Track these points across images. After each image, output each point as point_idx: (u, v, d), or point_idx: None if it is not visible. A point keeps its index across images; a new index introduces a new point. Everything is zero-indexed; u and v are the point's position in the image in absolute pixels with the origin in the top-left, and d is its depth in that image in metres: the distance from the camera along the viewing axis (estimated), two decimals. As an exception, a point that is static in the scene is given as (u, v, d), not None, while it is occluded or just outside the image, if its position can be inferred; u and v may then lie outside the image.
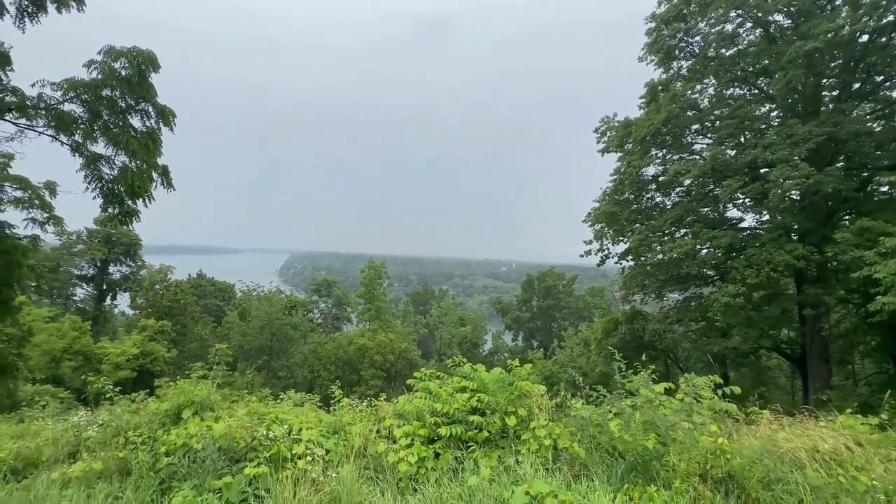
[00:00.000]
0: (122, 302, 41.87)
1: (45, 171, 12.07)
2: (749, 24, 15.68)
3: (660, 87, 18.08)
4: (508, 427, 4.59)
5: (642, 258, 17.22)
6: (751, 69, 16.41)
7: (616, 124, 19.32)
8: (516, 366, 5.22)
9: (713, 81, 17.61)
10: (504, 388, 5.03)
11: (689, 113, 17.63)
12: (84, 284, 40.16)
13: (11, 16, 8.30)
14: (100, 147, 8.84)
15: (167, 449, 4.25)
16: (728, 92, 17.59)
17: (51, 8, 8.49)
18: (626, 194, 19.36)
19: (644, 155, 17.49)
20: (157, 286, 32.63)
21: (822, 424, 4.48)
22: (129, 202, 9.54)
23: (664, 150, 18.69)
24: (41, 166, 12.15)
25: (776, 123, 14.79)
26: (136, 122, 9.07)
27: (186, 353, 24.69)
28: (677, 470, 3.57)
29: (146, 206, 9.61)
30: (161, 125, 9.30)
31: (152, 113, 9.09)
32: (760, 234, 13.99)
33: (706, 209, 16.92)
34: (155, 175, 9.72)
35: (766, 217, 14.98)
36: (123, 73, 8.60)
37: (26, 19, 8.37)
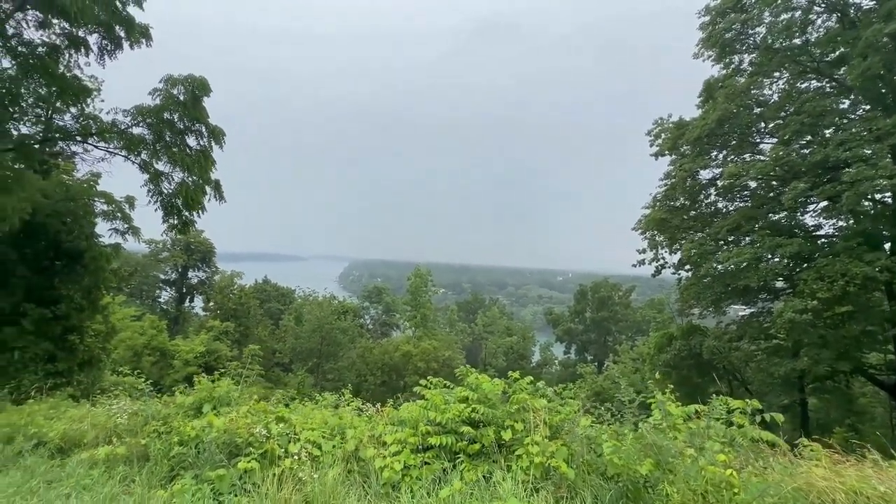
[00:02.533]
0: (199, 304, 46.24)
1: (126, 187, 13.72)
2: (820, 8, 14.11)
3: (719, 84, 16.79)
4: (504, 441, 4.42)
5: (698, 269, 15.91)
6: (825, 59, 14.70)
7: (670, 125, 18.21)
8: (516, 378, 5.02)
9: (784, 74, 16.03)
10: (504, 401, 4.86)
11: (757, 110, 16.17)
12: (168, 287, 45.01)
13: (95, 54, 9.61)
14: (161, 165, 9.86)
15: (180, 439, 4.59)
16: (803, 85, 15.89)
17: (125, 44, 9.71)
18: (680, 199, 18.10)
19: (698, 157, 16.27)
20: (226, 290, 35.57)
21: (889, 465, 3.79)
22: (186, 213, 10.54)
23: (724, 152, 17.27)
24: (123, 183, 13.83)
25: (855, 117, 13.07)
26: (191, 141, 10.05)
27: (253, 353, 26.50)
28: (671, 501, 3.21)
29: (199, 216, 10.54)
30: (212, 143, 10.20)
31: (205, 133, 10.01)
32: (836, 242, 12.34)
33: (775, 215, 15.31)
34: (208, 189, 10.67)
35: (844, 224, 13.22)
36: (181, 98, 9.58)
37: (106, 56, 9.64)
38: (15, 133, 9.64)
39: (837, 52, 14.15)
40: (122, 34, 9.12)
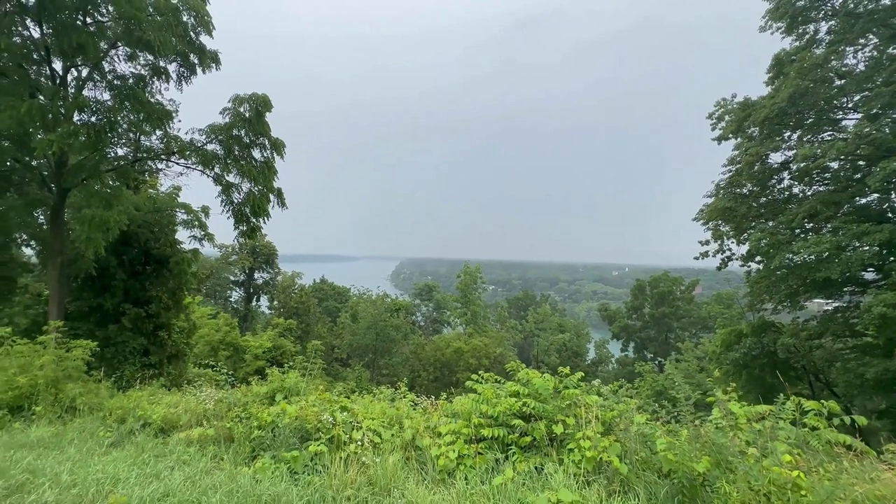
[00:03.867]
0: (265, 303, 49.82)
1: (197, 197, 15.17)
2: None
3: (791, 58, 15.38)
4: (556, 434, 4.51)
5: (770, 260, 14.75)
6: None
7: (734, 106, 16.95)
8: (567, 374, 5.07)
9: (872, 40, 14.36)
10: (555, 396, 4.94)
11: (838, 83, 14.64)
12: (237, 288, 48.95)
13: (174, 80, 10.77)
14: (231, 177, 10.85)
15: (259, 423, 5.15)
16: (895, 51, 14.12)
17: (198, 70, 10.78)
18: (747, 186, 16.82)
19: (767, 139, 15.01)
20: (288, 290, 38.02)
21: None
22: (254, 220, 11.51)
23: (799, 132, 15.80)
24: (193, 194, 15.30)
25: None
26: (256, 153, 10.95)
27: (316, 348, 28.33)
28: (729, 500, 3.15)
29: (264, 223, 11.46)
30: (275, 155, 11.04)
31: (268, 145, 10.87)
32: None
33: (862, 199, 13.79)
34: (272, 197, 11.58)
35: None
36: (246, 115, 10.48)
37: (183, 82, 10.77)
38: (112, 155, 11.04)
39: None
40: (196, 61, 10.15)
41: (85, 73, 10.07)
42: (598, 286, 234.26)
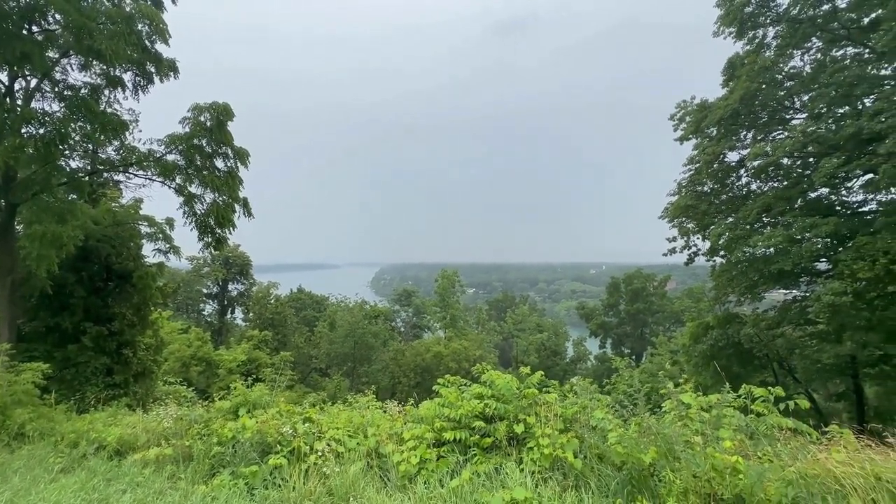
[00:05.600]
0: (240, 315, 48.53)
1: (166, 209, 14.75)
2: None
3: (744, 62, 16.14)
4: (517, 434, 4.58)
5: (727, 255, 15.37)
6: (857, 25, 13.85)
7: (693, 108, 17.66)
8: (527, 373, 5.16)
9: (816, 43, 15.22)
10: (517, 396, 5.02)
11: (788, 84, 15.44)
12: (211, 301, 47.52)
13: (130, 90, 10.46)
14: (194, 187, 10.60)
15: (219, 440, 5.03)
16: (838, 52, 15.01)
17: (155, 79, 10.51)
18: (707, 184, 17.51)
19: (723, 139, 15.70)
20: (263, 301, 37.19)
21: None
22: (218, 231, 11.25)
23: (753, 131, 16.59)
24: (162, 206, 14.86)
25: (892, 85, 12.27)
26: (219, 163, 10.74)
27: (284, 359, 27.82)
28: (672, 488, 3.28)
29: (230, 233, 11.23)
30: (238, 164, 10.85)
31: (231, 154, 10.68)
32: (877, 219, 11.62)
33: (813, 194, 14.57)
34: (237, 207, 11.36)
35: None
36: (207, 124, 10.27)
37: (139, 91, 10.47)
38: (66, 168, 10.61)
39: (872, 16, 13.29)
40: (153, 70, 9.89)
41: (34, 83, 9.67)
42: (577, 285, 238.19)
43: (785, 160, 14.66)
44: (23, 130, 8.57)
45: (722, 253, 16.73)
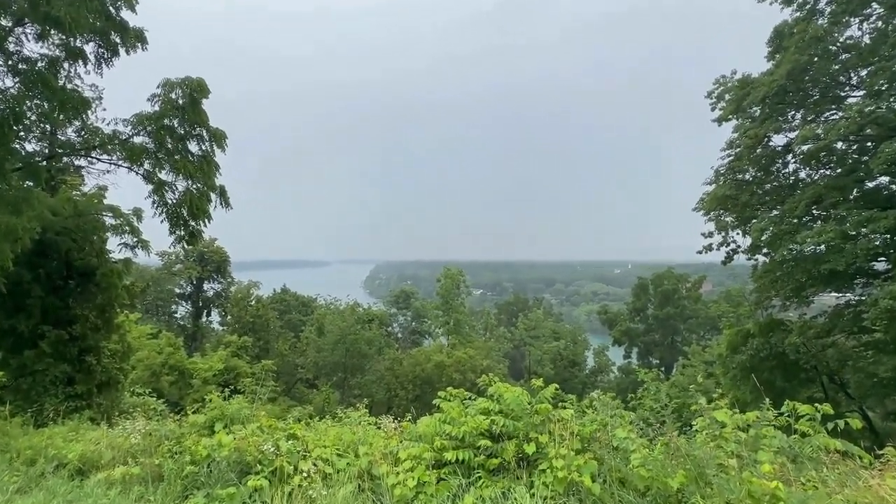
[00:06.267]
0: (216, 318, 48.89)
1: (133, 199, 14.81)
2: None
3: (793, 31, 16.00)
4: (527, 454, 4.61)
5: (771, 252, 15.30)
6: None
7: (734, 84, 17.53)
8: (540, 386, 5.18)
9: (876, 10, 15.03)
10: (528, 412, 5.04)
11: (843, 56, 15.29)
12: (184, 302, 47.86)
13: (92, 63, 10.49)
14: (164, 174, 10.67)
15: (192, 458, 5.09)
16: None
17: (121, 51, 10.54)
18: (749, 171, 17.41)
19: (767, 119, 15.58)
20: (243, 302, 37.43)
21: None
22: (192, 223, 11.32)
23: (802, 111, 16.45)
24: (129, 195, 14.94)
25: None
26: (192, 146, 10.79)
27: (266, 368, 28.04)
28: (703, 516, 3.29)
29: (205, 225, 11.29)
30: (214, 147, 10.89)
31: (206, 136, 10.72)
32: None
33: (871, 183, 14.46)
34: (213, 196, 11.41)
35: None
36: (179, 102, 10.31)
37: (103, 64, 10.51)
38: (21, 152, 10.69)
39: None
40: (118, 40, 9.92)
41: (-16, 55, 9.73)
42: (599, 286, 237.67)
43: (839, 144, 14.54)
44: (-28, 109, 8.64)
45: (765, 250, 16.66)
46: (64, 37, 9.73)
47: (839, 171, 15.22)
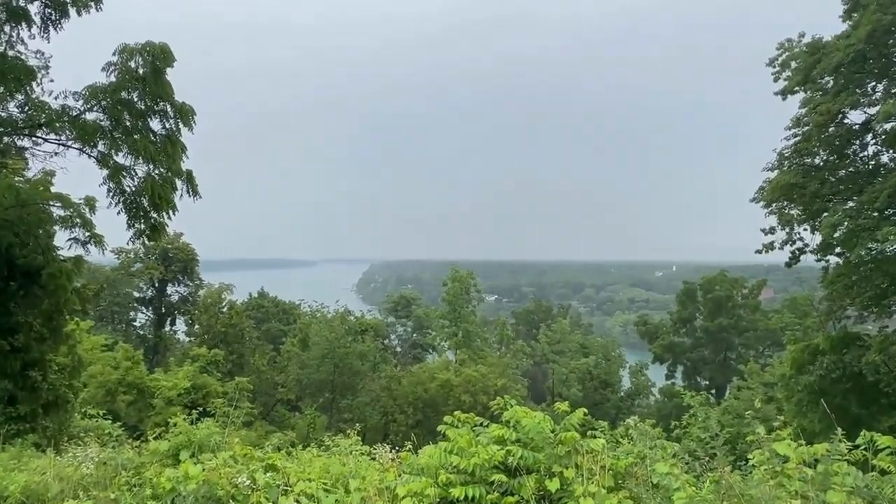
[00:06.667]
0: (182, 327, 49.39)
1: (86, 186, 14.97)
2: None
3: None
4: (550, 492, 4.62)
5: (845, 252, 15.18)
6: None
7: (801, 49, 17.37)
8: (566, 410, 5.18)
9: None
10: (551, 442, 5.05)
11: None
12: (144, 308, 48.39)
13: (37, 26, 10.62)
14: (121, 157, 10.80)
15: (154, 492, 5.15)
16: None
17: (71, 12, 10.67)
18: (820, 154, 17.27)
19: (841, 92, 15.43)
20: (213, 309, 37.77)
21: None
22: (154, 215, 11.44)
23: (885, 82, 16.28)
24: (81, 182, 15.10)
25: None
26: (155, 125, 10.90)
27: (241, 386, 28.32)
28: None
29: (170, 218, 11.41)
30: (180, 125, 11.00)
31: (171, 112, 10.83)
32: None
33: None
34: (179, 182, 11.52)
35: None
36: (140, 71, 10.41)
37: (50, 28, 10.64)
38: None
39: None
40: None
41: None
42: (637, 292, 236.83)
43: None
44: None
45: (838, 250, 16.51)
46: (5, -5, 9.88)
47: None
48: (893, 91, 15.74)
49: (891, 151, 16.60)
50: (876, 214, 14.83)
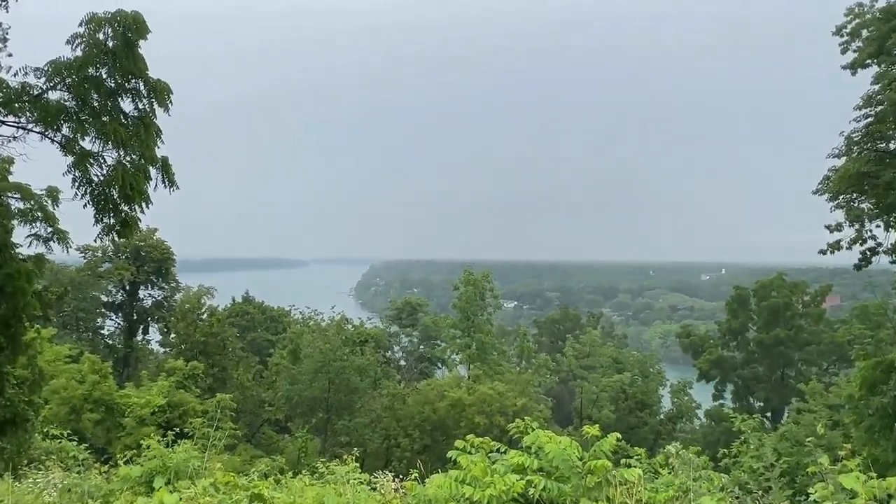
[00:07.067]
0: (156, 336, 49.84)
1: (48, 176, 15.15)
2: None
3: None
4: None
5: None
6: None
7: (874, 15, 17.20)
8: (596, 435, 5.19)
9: None
10: (578, 471, 5.06)
11: None
12: (113, 314, 48.89)
13: (-8, -8, 10.78)
14: (88, 142, 10.90)
15: (124, 525, 5.23)
16: None
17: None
18: (895, 139, 17.10)
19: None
20: (191, 315, 38.05)
21: None
22: (125, 208, 11.55)
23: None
24: (45, 170, 15.28)
25: None
26: (126, 105, 11.00)
27: (224, 404, 28.51)
28: None
29: (143, 211, 11.52)
30: (155, 105, 11.09)
31: (143, 91, 10.92)
32: None
33: None
34: (153, 171, 11.62)
35: None
36: (109, 44, 10.52)
37: (8, -3, 10.79)
38: None
39: None
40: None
41: None
42: (679, 297, 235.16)
43: None
44: None
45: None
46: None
47: None
48: None
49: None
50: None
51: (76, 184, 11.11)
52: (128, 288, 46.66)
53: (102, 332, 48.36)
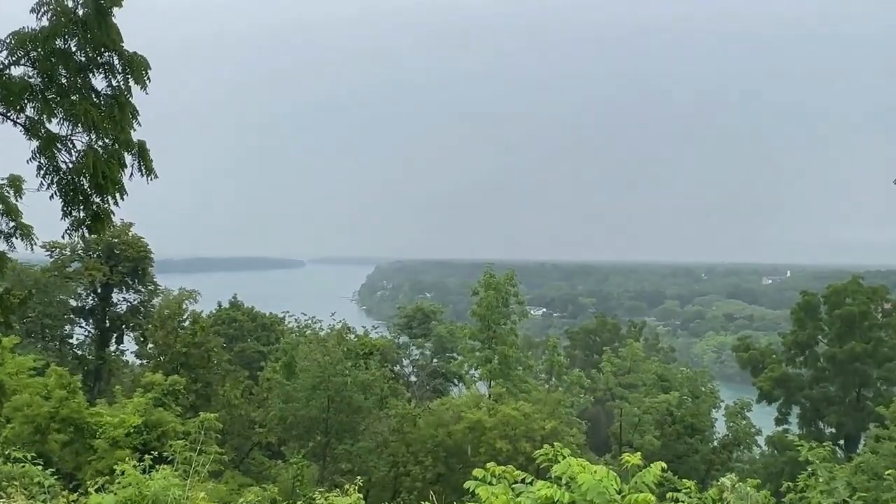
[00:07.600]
0: (131, 346, 50.36)
1: (12, 163, 15.38)
2: None
3: None
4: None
5: None
6: None
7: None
8: (637, 464, 5.17)
9: None
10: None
11: None
12: (83, 320, 49.47)
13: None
14: (56, 124, 11.01)
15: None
16: None
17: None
18: None
19: None
20: (172, 322, 38.42)
21: None
22: (97, 199, 11.67)
23: None
24: (5, 157, 15.52)
25: None
26: (98, 82, 11.10)
27: (208, 424, 28.66)
28: None
29: (118, 203, 11.64)
30: (131, 82, 11.19)
31: (118, 66, 11.01)
32: None
33: None
34: (129, 157, 11.73)
35: None
36: (79, 12, 10.63)
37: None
38: None
39: None
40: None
41: None
42: (736, 305, 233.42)
43: None
44: None
45: None
46: None
47: None
48: None
49: None
50: None
51: (42, 172, 11.21)
52: (100, 291, 47.14)
53: (71, 340, 48.95)
